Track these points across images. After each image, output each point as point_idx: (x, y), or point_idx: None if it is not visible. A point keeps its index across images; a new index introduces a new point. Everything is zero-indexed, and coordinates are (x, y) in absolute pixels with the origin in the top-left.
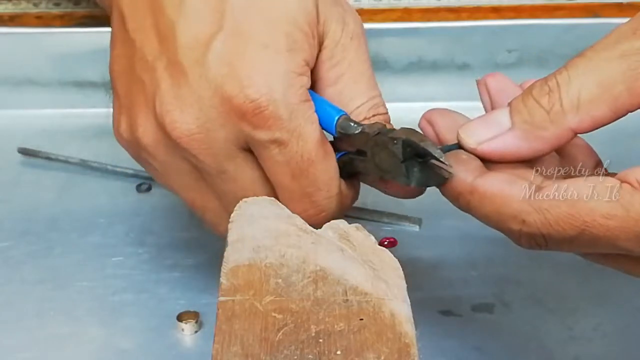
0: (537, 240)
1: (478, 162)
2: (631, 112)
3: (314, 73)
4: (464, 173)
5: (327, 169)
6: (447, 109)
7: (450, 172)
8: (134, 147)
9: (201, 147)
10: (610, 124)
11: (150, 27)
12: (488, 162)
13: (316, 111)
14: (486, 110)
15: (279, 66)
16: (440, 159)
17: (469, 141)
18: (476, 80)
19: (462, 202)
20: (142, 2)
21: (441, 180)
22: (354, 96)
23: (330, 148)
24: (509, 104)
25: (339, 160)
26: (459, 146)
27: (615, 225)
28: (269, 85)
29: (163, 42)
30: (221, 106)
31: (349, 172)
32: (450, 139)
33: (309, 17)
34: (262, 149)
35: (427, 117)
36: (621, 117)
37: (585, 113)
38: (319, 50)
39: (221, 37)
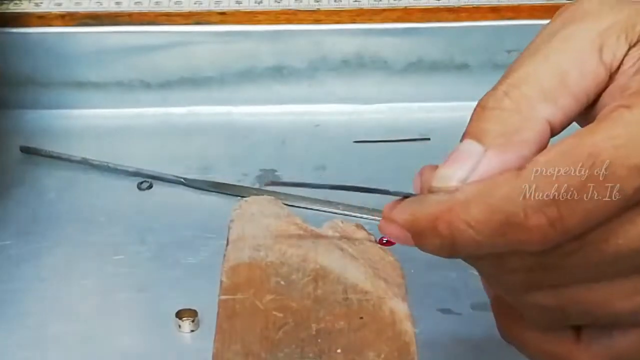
0: (547, 210)
1: None
2: (589, 98)
3: None
4: (436, 196)
5: None
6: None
7: None
8: None
9: None
10: None
11: None
12: None
13: None
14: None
15: None
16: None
17: (450, 184)
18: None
19: (443, 228)
20: None
21: None
22: None
23: None
24: (466, 134)
25: None
26: None
27: (622, 143)
28: None
29: None
30: None
31: None
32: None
33: None
34: None
35: (420, 170)
36: (583, 106)
37: (554, 104)
38: None
39: None
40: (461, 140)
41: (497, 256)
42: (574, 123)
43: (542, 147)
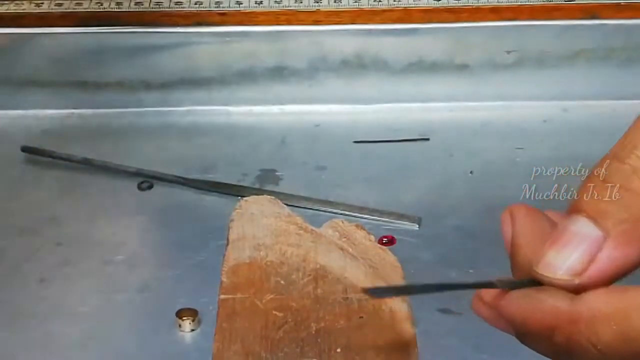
0: None
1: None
2: None
3: None
4: (553, 300)
5: None
6: (534, 208)
7: None
8: None
9: None
10: None
11: None
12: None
13: None
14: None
15: None
16: None
17: (559, 275)
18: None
19: (560, 338)
20: None
21: None
22: None
23: None
24: (577, 209)
25: None
26: (534, 282)
27: None
28: None
29: None
30: None
31: None
32: (524, 244)
33: None
34: None
35: (510, 210)
36: None
37: None
38: None
39: None
40: (569, 214)
41: None
42: None
43: None
